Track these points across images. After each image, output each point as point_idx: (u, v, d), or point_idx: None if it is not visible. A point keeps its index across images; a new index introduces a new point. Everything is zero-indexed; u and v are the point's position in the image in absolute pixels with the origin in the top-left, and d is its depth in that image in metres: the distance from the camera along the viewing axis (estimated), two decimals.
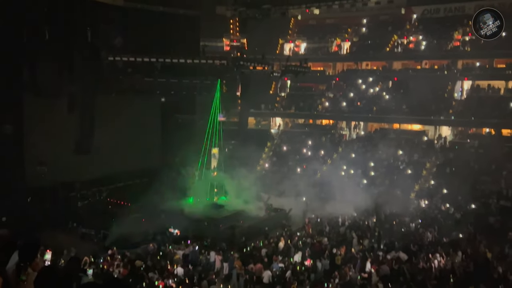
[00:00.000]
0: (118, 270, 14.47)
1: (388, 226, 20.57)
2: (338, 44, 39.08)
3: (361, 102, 34.75)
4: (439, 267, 15.24)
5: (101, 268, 14.63)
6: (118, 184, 24.96)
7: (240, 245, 18.89)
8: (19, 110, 21.82)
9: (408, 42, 36.30)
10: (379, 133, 33.79)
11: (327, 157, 32.03)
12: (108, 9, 24.33)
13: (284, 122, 38.49)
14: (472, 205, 23.14)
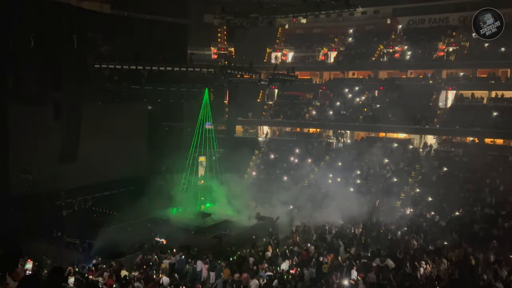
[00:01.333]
0: (103, 279, 14.26)
1: (375, 234, 20.67)
2: (325, 53, 39.49)
3: (348, 110, 35.07)
4: (424, 274, 15.34)
5: (86, 277, 14.41)
6: (104, 192, 24.77)
7: (227, 253, 18.79)
8: (4, 118, 21.57)
9: (394, 52, 36.84)
10: (365, 141, 34.09)
11: (314, 165, 32.16)
12: (95, 17, 24.30)
13: (272, 130, 38.61)
14: (456, 213, 23.40)
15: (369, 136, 34.76)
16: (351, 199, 25.23)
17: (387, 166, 30.24)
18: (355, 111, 34.71)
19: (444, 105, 33.31)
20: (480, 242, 18.52)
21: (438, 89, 33.59)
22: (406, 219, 23.48)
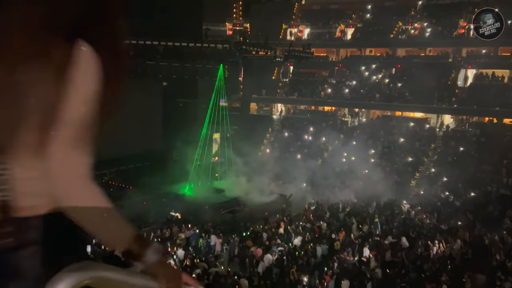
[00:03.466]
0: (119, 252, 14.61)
1: (389, 213, 20.69)
2: (342, 30, 38.77)
3: (364, 89, 34.61)
4: (437, 253, 15.38)
5: (103, 249, 14.78)
6: (120, 167, 25.08)
7: (240, 229, 19.05)
8: None
9: (413, 29, 35.98)
10: (381, 120, 33.73)
11: (328, 144, 32.04)
12: None
13: (286, 108, 38.41)
14: (472, 193, 23.22)
15: (385, 115, 34.36)
16: (365, 178, 25.18)
17: (403, 146, 29.98)
18: (372, 89, 34.25)
19: (463, 84, 32.63)
20: (494, 223, 18.42)
21: (457, 67, 32.84)
22: (420, 199, 23.41)
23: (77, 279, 0.81)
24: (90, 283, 0.82)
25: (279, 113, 37.97)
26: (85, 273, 0.82)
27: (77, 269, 0.82)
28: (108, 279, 0.85)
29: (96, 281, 0.83)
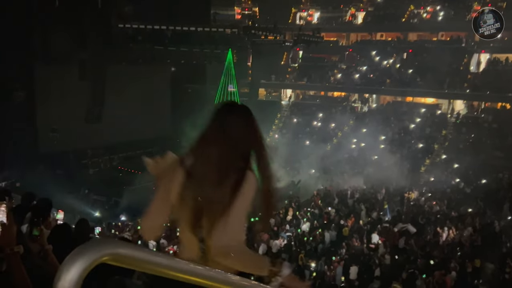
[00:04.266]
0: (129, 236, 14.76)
1: (398, 199, 20.59)
2: (352, 13, 38.18)
3: (374, 74, 34.19)
4: (446, 240, 15.29)
5: (113, 233, 14.95)
6: (129, 152, 25.24)
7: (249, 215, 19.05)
8: (31, 78, 21.95)
9: (425, 13, 35.29)
10: (391, 106, 33.37)
11: (337, 130, 31.84)
12: None
13: (295, 94, 38.14)
14: (483, 180, 22.98)
15: (395, 101, 33.98)
16: (375, 164, 25.04)
17: (413, 132, 29.69)
18: (382, 75, 33.82)
19: (475, 69, 32.05)
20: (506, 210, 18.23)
21: (470, 52, 32.23)
22: (430, 186, 23.24)
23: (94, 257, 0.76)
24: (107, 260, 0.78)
25: (288, 98, 37.73)
26: (101, 250, 0.77)
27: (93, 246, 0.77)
28: (125, 255, 0.80)
29: (113, 257, 0.79)
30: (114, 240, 0.82)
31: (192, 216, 1.79)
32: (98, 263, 0.78)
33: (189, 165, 1.85)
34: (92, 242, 0.79)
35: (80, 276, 0.76)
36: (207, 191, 1.78)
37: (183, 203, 1.81)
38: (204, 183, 1.79)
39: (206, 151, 1.86)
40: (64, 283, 0.76)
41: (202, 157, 1.85)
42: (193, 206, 1.79)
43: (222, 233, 1.74)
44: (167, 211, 1.89)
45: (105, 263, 0.81)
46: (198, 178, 1.81)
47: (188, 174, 1.83)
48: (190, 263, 0.99)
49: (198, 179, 1.81)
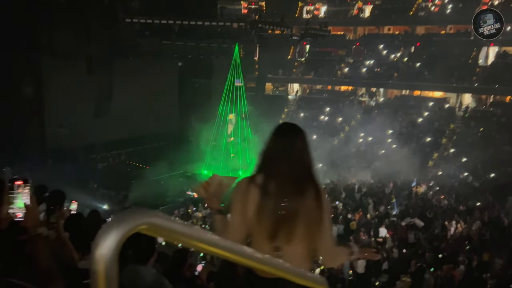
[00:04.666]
0: None
1: (406, 193, 20.54)
2: (359, 7, 37.92)
3: (382, 68, 34.00)
4: (454, 234, 15.25)
5: None
6: (137, 147, 25.35)
7: None
8: (38, 73, 22.06)
9: (433, 6, 34.97)
10: (399, 100, 33.20)
11: (345, 124, 31.74)
12: None
13: (302, 88, 38.03)
14: (491, 174, 22.85)
15: (403, 95, 33.78)
16: (382, 158, 24.96)
17: (421, 126, 29.53)
18: (390, 68, 33.62)
19: (484, 62, 31.75)
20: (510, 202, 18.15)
21: (478, 45, 31.90)
22: (438, 180, 23.14)
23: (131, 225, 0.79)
24: (143, 229, 0.81)
25: (295, 93, 37.64)
26: (139, 219, 0.80)
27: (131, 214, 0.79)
28: (161, 226, 0.82)
29: (149, 227, 0.81)
30: (152, 210, 0.84)
31: (272, 228, 2.01)
32: (135, 231, 0.80)
33: (263, 184, 2.04)
34: (130, 211, 0.81)
35: (118, 243, 0.78)
36: (290, 205, 2.02)
37: (260, 218, 2.02)
38: (285, 198, 2.02)
39: (280, 169, 2.06)
40: (103, 250, 0.78)
41: (277, 175, 2.05)
42: (273, 219, 2.01)
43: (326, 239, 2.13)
44: (245, 228, 2.10)
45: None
46: (276, 194, 2.02)
47: (264, 192, 2.03)
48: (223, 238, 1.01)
49: (277, 195, 2.02)
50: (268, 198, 2.03)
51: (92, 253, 0.79)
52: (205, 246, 0.92)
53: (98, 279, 0.78)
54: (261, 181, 2.06)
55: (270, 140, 2.17)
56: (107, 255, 0.78)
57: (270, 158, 2.13)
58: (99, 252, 0.78)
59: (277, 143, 2.15)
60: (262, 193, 2.04)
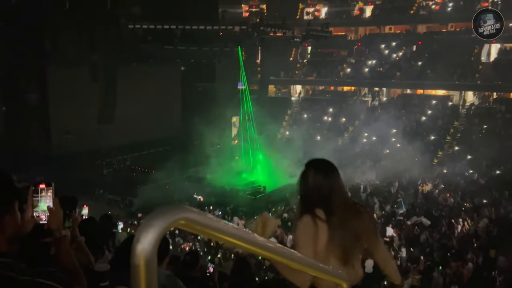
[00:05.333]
0: None
1: (412, 192, 20.51)
2: (360, 7, 37.96)
3: (384, 67, 33.99)
4: (462, 232, 15.22)
5: (129, 232, 15.11)
6: (142, 152, 25.43)
7: (262, 211, 19.15)
8: (44, 80, 22.22)
9: (434, 4, 34.96)
10: (402, 99, 33.16)
11: (348, 124, 31.73)
12: None
13: (305, 89, 38.07)
14: (497, 171, 22.76)
15: (406, 93, 33.75)
16: (387, 158, 24.92)
17: (425, 124, 29.47)
18: (392, 68, 33.60)
19: (486, 59, 31.70)
20: None
21: (480, 42, 31.84)
22: (443, 177, 23.07)
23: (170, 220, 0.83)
24: (181, 225, 0.85)
25: (298, 94, 37.68)
26: (177, 214, 0.84)
27: (169, 210, 0.83)
28: (198, 222, 0.87)
29: (186, 223, 0.85)
30: (189, 207, 0.88)
31: (345, 255, 2.29)
32: (174, 226, 0.84)
33: (327, 218, 2.28)
34: (167, 207, 0.86)
35: (158, 238, 0.82)
36: (353, 231, 2.30)
37: (332, 248, 2.27)
38: (348, 226, 2.29)
39: (335, 202, 2.32)
40: (143, 245, 0.82)
41: (335, 208, 2.31)
42: (344, 247, 2.28)
43: (383, 248, 2.56)
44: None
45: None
46: (340, 224, 2.29)
47: (330, 225, 2.27)
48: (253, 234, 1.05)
49: (341, 225, 2.29)
50: (335, 229, 2.27)
51: (132, 247, 0.83)
52: (237, 241, 0.96)
53: (139, 273, 0.82)
54: (324, 216, 2.28)
55: (315, 178, 2.37)
56: (148, 249, 0.82)
57: (323, 194, 2.33)
58: (140, 247, 0.82)
59: (324, 180, 2.37)
60: (330, 227, 2.27)
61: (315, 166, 2.45)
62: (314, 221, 2.25)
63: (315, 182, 2.35)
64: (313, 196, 2.33)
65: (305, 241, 2.24)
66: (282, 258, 1.19)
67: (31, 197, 1.80)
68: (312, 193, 2.34)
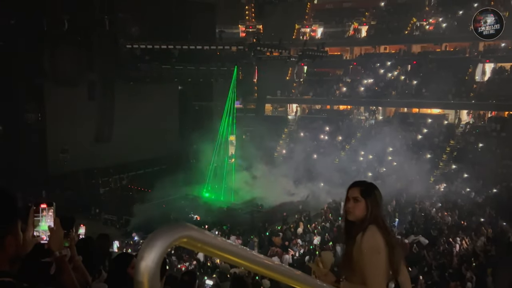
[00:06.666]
0: None
1: (410, 210, 20.47)
2: (355, 28, 38.55)
3: (379, 86, 34.33)
4: (460, 251, 15.15)
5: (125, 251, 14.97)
6: (138, 171, 25.37)
7: (259, 229, 19.06)
8: (41, 99, 22.30)
9: (428, 25, 35.57)
10: (398, 117, 33.40)
11: (345, 143, 31.85)
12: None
13: (301, 108, 38.31)
14: (493, 190, 22.81)
15: (402, 112, 34.01)
16: (384, 176, 24.95)
17: (421, 142, 29.63)
18: (387, 87, 33.95)
19: (480, 78, 32.10)
20: None
21: (474, 62, 32.33)
22: (440, 196, 23.09)
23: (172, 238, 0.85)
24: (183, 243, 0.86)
25: (294, 113, 37.90)
26: (180, 232, 0.86)
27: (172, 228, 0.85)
28: (200, 240, 0.88)
29: (188, 241, 0.86)
30: (190, 225, 0.90)
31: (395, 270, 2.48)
32: (176, 244, 0.87)
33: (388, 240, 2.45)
34: (170, 225, 0.88)
35: (161, 255, 0.84)
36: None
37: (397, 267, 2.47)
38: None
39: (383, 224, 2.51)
40: (147, 262, 0.84)
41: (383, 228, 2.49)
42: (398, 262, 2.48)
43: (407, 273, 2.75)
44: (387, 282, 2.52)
45: None
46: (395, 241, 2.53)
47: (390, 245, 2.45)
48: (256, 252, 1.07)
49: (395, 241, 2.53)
50: (394, 247, 2.47)
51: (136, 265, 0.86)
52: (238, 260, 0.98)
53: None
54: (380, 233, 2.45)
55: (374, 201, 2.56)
56: (151, 267, 0.84)
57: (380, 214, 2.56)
58: (143, 264, 0.84)
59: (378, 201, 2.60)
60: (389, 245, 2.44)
61: (376, 187, 2.68)
62: (382, 243, 2.42)
63: (381, 202, 2.60)
64: (380, 215, 2.54)
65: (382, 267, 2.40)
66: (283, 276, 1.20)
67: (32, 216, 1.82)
68: (380, 213, 2.55)
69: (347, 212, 2.62)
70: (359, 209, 2.52)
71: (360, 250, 2.37)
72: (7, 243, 1.48)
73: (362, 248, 2.37)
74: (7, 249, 1.47)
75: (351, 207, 2.57)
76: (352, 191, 2.64)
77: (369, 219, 2.47)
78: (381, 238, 2.40)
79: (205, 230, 0.94)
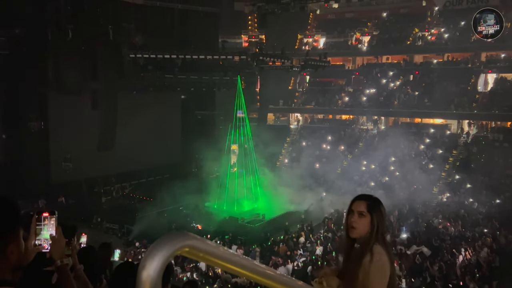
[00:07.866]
0: None
1: (413, 220, 20.36)
2: (357, 38, 38.71)
3: (382, 96, 34.37)
4: (463, 261, 15.03)
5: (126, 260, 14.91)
6: (141, 180, 25.38)
7: (261, 239, 18.98)
8: (45, 108, 22.43)
9: (430, 35, 35.69)
10: (400, 127, 33.36)
11: (347, 152, 31.81)
12: (129, 7, 24.75)
13: (304, 118, 38.35)
14: (497, 200, 22.69)
15: (404, 122, 34.00)
16: (386, 186, 24.88)
17: (423, 153, 29.56)
18: (389, 97, 33.98)
19: (483, 89, 32.11)
20: None
21: (477, 72, 32.36)
22: (443, 206, 22.97)
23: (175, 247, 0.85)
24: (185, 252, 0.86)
25: (297, 122, 37.93)
26: (182, 242, 0.86)
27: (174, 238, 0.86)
28: (203, 250, 0.88)
29: (190, 250, 0.87)
30: (193, 234, 0.91)
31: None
32: (178, 253, 0.87)
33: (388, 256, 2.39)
34: (172, 234, 0.88)
35: (163, 265, 0.85)
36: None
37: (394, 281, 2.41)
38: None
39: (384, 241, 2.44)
40: (149, 272, 0.84)
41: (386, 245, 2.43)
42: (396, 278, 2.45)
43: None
44: None
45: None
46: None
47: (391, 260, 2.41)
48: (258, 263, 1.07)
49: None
50: (392, 263, 2.42)
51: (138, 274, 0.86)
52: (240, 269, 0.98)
53: None
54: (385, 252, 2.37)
55: (380, 216, 2.47)
56: (153, 276, 0.84)
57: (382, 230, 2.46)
58: (145, 274, 0.84)
59: (384, 218, 2.51)
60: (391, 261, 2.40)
61: (381, 202, 2.58)
62: (385, 258, 2.35)
63: (382, 218, 2.47)
64: (382, 231, 2.44)
65: (384, 275, 2.33)
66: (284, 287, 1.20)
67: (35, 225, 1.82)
68: (384, 230, 2.48)
69: (349, 228, 2.45)
70: (363, 224, 2.38)
71: (368, 273, 2.25)
72: (9, 252, 1.48)
73: (370, 272, 2.25)
74: (9, 258, 1.48)
75: (355, 221, 2.41)
76: (357, 204, 2.48)
77: (375, 237, 2.35)
78: (387, 259, 2.33)
79: (207, 240, 0.94)
